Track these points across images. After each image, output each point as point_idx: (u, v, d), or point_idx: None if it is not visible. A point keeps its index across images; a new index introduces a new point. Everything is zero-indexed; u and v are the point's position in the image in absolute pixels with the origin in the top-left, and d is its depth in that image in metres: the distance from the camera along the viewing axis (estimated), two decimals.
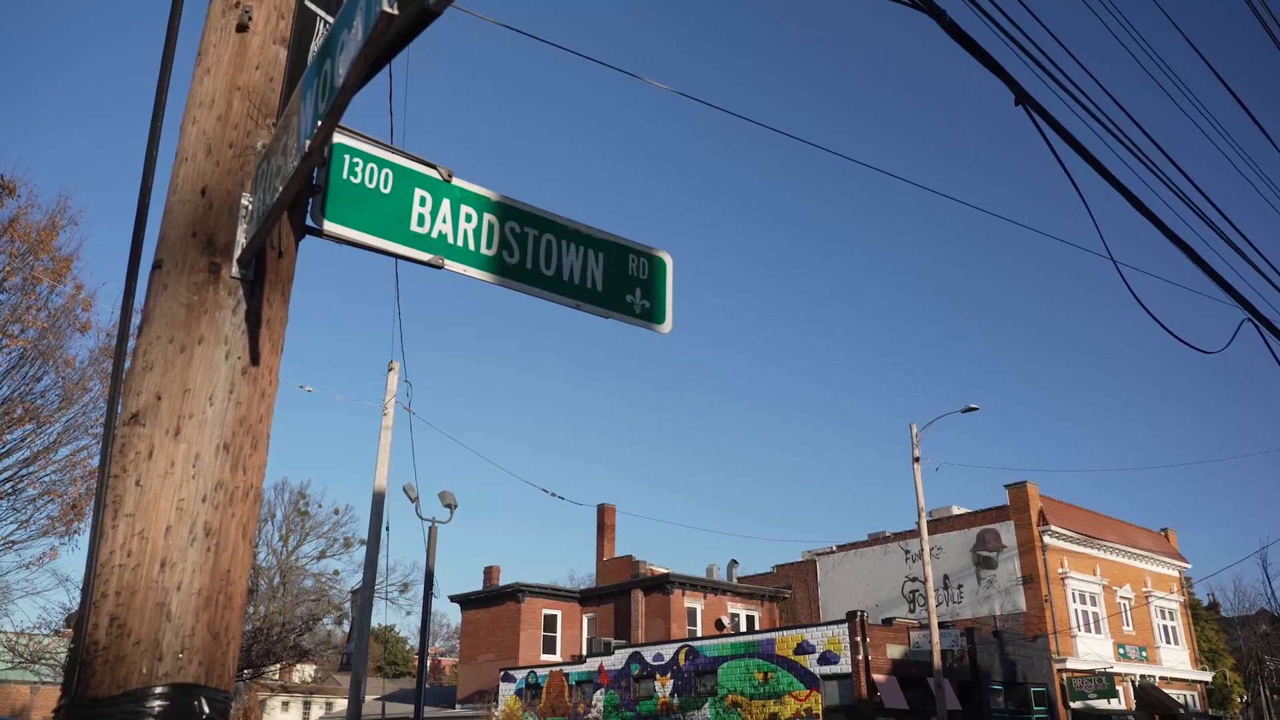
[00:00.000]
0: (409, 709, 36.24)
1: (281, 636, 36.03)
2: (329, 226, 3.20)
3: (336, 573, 44.91)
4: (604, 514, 55.41)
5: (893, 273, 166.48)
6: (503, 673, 46.15)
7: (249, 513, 3.03)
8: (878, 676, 32.43)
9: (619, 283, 4.04)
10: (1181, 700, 47.47)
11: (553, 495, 49.36)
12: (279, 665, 41.04)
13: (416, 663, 26.19)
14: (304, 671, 56.69)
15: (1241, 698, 58.80)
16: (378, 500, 18.91)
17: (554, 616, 50.38)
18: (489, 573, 54.38)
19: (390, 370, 20.03)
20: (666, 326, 4.16)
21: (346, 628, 44.19)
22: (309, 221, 3.25)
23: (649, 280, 4.16)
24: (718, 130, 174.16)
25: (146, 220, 3.13)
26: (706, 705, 36.16)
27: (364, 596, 19.07)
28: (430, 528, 23.86)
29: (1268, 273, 12.83)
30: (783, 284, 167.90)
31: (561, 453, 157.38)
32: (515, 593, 49.29)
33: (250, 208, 3.13)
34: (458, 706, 50.81)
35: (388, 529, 18.89)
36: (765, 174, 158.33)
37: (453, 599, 53.91)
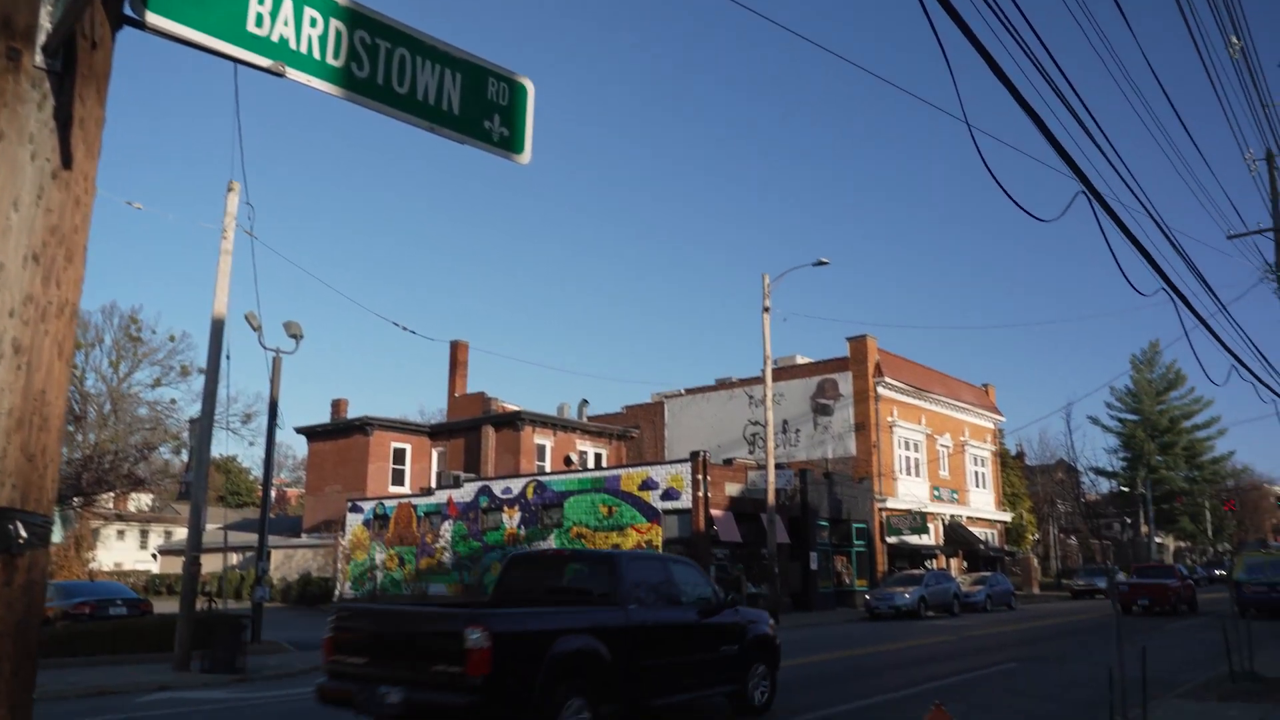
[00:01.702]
0: (252, 538, 36.08)
1: (114, 465, 34.87)
2: (151, 18, 2.87)
3: (173, 401, 43.24)
4: (456, 350, 55.15)
5: (753, 112, 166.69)
6: (350, 503, 46.35)
7: (65, 330, 2.81)
8: (715, 512, 34.29)
9: (477, 107, 3.84)
10: (983, 537, 52.45)
11: (404, 329, 48.73)
12: (112, 494, 39.86)
13: (260, 493, 25.91)
14: (140, 501, 55.35)
15: (1033, 535, 65.47)
16: (217, 328, 18.14)
17: (403, 450, 50.55)
18: (336, 405, 53.71)
19: (230, 190, 18.86)
20: (525, 157, 4.01)
21: (185, 457, 43.05)
22: (127, 10, 2.90)
23: (509, 107, 3.97)
24: None
25: None
26: (552, 536, 37.53)
27: (203, 426, 18.54)
28: (274, 358, 23.21)
29: (1106, 149, 13.48)
30: (645, 122, 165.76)
31: (414, 285, 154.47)
32: (364, 426, 49.02)
33: None
34: (303, 536, 50.97)
35: (228, 358, 18.22)
36: (635, 3, 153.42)
37: (299, 431, 53.20)
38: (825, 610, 37.11)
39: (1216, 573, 63.94)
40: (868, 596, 34.77)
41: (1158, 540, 79.30)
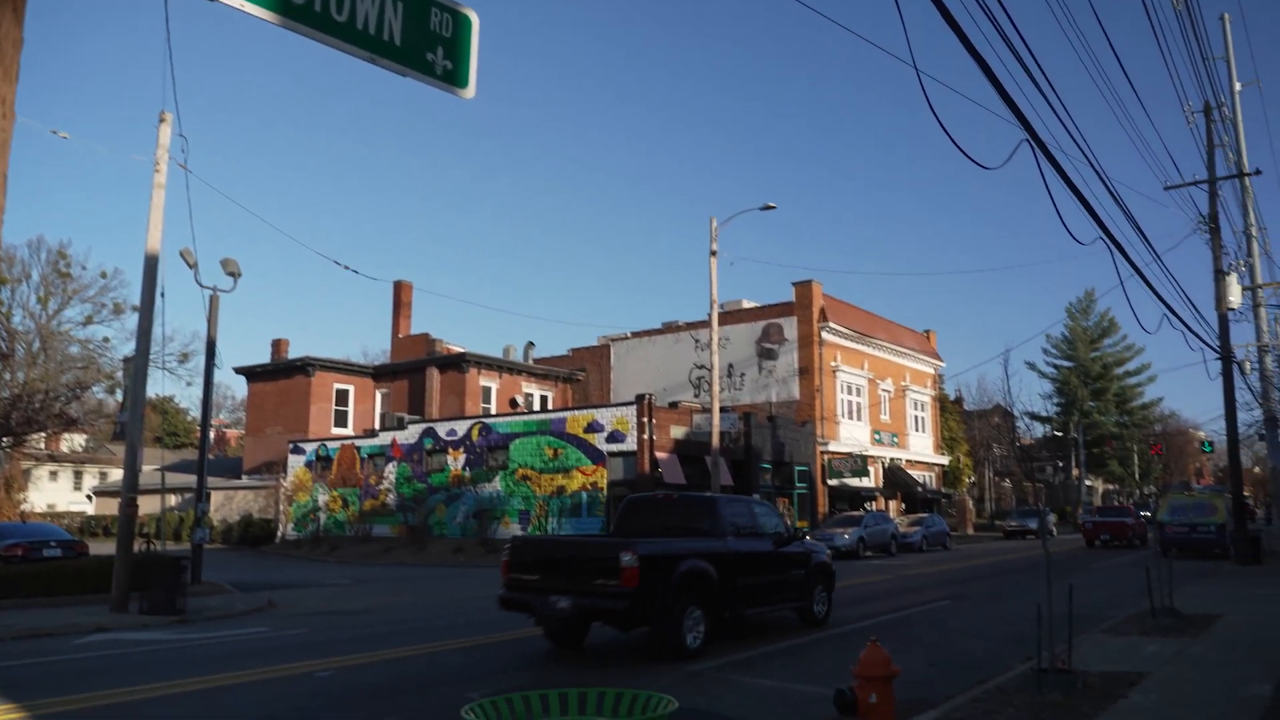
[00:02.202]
0: (191, 479, 35.61)
1: (45, 404, 33.98)
2: None
3: (106, 340, 41.78)
4: (400, 291, 54.41)
5: (700, 56, 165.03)
6: (291, 445, 45.84)
7: None
8: (660, 454, 34.58)
9: (419, 38, 3.71)
10: (921, 480, 53.70)
11: (346, 268, 47.89)
12: (44, 434, 38.88)
13: (199, 434, 25.50)
14: (73, 441, 54.12)
15: (969, 478, 67.24)
16: (150, 264, 17.61)
17: (346, 391, 50.00)
18: (277, 345, 52.80)
19: (162, 121, 18.17)
20: (469, 91, 3.89)
21: (119, 397, 42.05)
22: None
23: (452, 39, 3.84)
24: None
25: None
26: (497, 478, 37.57)
27: (137, 365, 18.09)
28: (211, 296, 22.68)
29: (1050, 97, 13.55)
30: (593, 63, 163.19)
31: (356, 223, 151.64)
32: (305, 366, 48.32)
33: None
34: (244, 477, 50.40)
35: (163, 296, 17.73)
36: None
37: (238, 371, 52.28)
38: None
39: (1142, 515, 66.38)
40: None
41: (1088, 483, 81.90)
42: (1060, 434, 77.90)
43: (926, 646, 11.85)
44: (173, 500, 49.01)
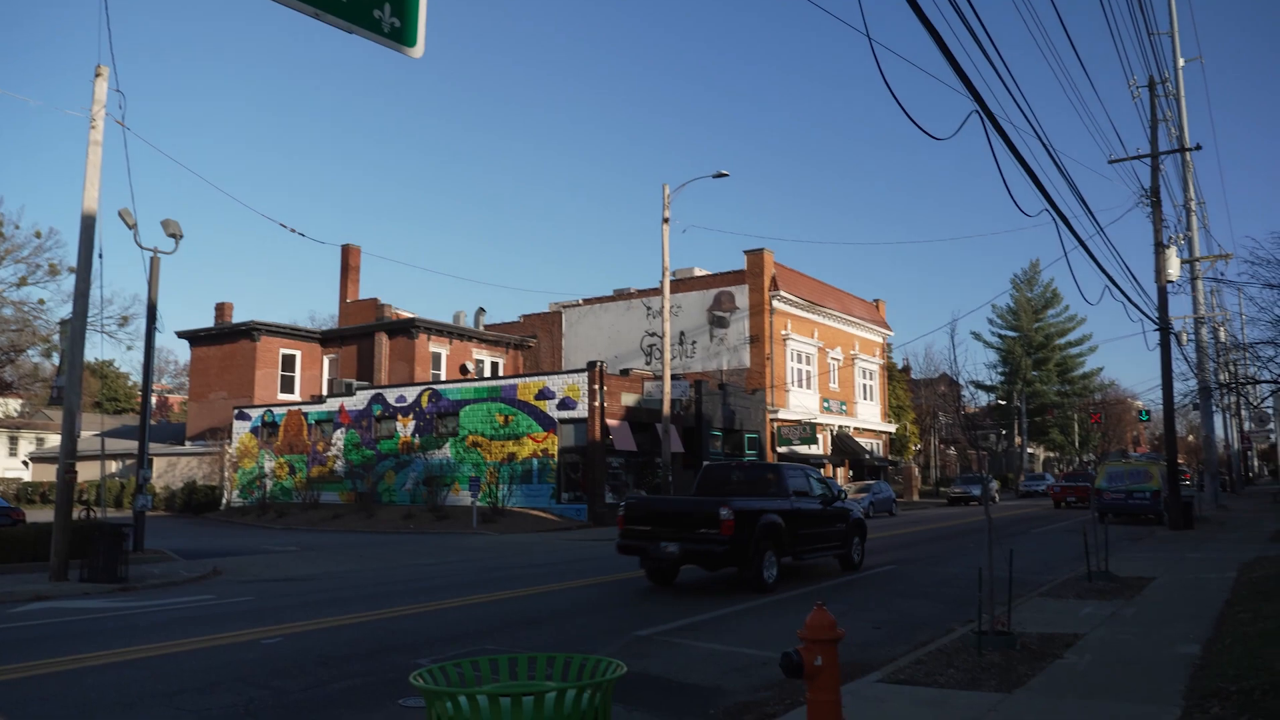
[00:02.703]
0: (132, 445, 34.90)
1: None
2: None
3: (42, 302, 40.54)
4: (348, 255, 53.59)
5: (655, 23, 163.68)
6: (237, 411, 45.12)
7: None
8: (611, 421, 34.63)
9: None
10: (868, 447, 54.47)
11: (292, 231, 46.88)
12: None
13: (139, 398, 24.96)
14: (8, 406, 52.73)
15: (915, 446, 68.36)
16: (87, 224, 17.09)
17: (292, 356, 49.25)
18: (221, 309, 51.74)
19: (98, 76, 17.57)
20: (418, 51, 3.80)
21: (56, 361, 40.99)
22: None
23: None
24: None
25: None
26: (448, 445, 37.37)
27: (74, 328, 17.61)
28: (152, 258, 22.13)
29: (1000, 69, 13.66)
30: (547, 29, 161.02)
31: (303, 186, 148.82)
32: (250, 331, 47.46)
33: None
34: (187, 443, 49.55)
35: (100, 257, 17.26)
36: None
37: (181, 335, 51.17)
38: None
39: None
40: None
41: (1030, 451, 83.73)
42: (1004, 403, 79.45)
43: (872, 609, 12.07)
44: (113, 466, 48.07)
